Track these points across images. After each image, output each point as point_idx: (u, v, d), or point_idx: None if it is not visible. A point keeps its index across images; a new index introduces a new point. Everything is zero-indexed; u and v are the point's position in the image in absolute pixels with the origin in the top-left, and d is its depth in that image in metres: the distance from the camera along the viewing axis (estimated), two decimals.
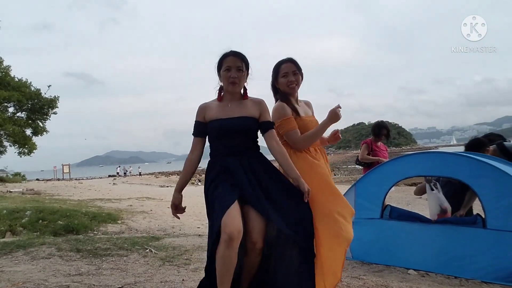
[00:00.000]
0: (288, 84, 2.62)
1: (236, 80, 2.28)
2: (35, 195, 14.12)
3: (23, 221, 6.52)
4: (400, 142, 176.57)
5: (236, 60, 2.29)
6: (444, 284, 3.24)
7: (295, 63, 2.66)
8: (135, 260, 3.68)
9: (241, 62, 2.30)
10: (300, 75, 2.67)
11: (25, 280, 2.99)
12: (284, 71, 2.63)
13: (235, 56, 2.30)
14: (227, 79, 2.28)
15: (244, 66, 2.31)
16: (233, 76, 2.27)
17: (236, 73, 2.28)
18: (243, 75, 2.31)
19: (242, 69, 2.30)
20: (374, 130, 5.51)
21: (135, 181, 32.51)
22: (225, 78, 2.29)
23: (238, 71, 2.29)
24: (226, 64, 2.29)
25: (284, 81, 2.63)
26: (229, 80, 2.28)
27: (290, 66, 2.64)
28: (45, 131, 20.76)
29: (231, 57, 2.30)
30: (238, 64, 2.29)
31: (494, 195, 3.32)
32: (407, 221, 3.77)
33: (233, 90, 2.32)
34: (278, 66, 2.68)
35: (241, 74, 2.30)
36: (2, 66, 19.32)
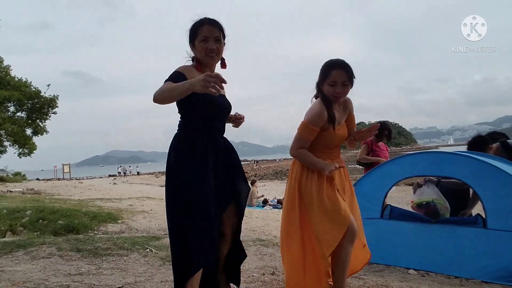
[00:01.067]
0: (335, 95, 2.39)
1: (215, 51, 2.04)
2: (36, 195, 14.10)
3: (24, 220, 6.52)
4: (400, 142, 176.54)
5: (213, 29, 2.04)
6: (445, 283, 3.24)
7: (348, 72, 2.36)
8: (136, 259, 3.68)
9: (218, 31, 2.05)
10: (350, 86, 2.40)
11: (25, 280, 2.98)
12: (333, 80, 2.35)
13: (211, 25, 2.04)
14: (205, 50, 2.03)
15: (222, 36, 2.07)
16: (211, 48, 2.02)
17: (214, 44, 2.03)
18: (221, 46, 2.08)
19: (220, 39, 2.06)
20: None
21: (136, 181, 32.52)
22: (202, 49, 2.04)
23: (216, 42, 2.04)
24: (202, 34, 2.03)
25: (330, 90, 2.37)
26: (207, 52, 2.04)
27: (341, 75, 2.34)
28: (45, 131, 20.75)
29: (207, 26, 2.04)
30: (216, 34, 2.04)
31: (495, 195, 3.31)
32: (408, 221, 3.77)
33: (211, 62, 2.09)
34: (328, 70, 2.39)
35: (219, 46, 2.06)
36: (2, 66, 19.31)
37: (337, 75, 2.34)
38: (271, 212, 10.11)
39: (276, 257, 3.95)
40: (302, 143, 2.46)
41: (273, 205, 12.18)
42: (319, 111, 2.39)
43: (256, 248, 4.37)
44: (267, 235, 5.68)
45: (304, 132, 2.43)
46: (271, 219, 8.13)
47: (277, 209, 11.60)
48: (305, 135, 2.43)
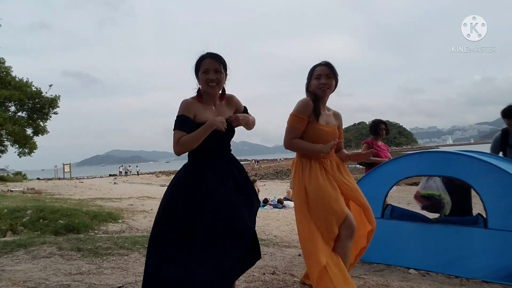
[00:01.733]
0: (320, 87, 2.60)
1: (215, 81, 2.23)
2: (36, 194, 14.12)
3: (24, 220, 6.52)
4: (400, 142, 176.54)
5: (213, 62, 2.24)
6: (445, 283, 3.24)
7: (331, 67, 2.62)
8: (136, 259, 3.68)
9: (218, 64, 2.25)
10: (334, 80, 2.63)
11: (25, 279, 2.99)
12: (318, 73, 2.62)
13: (212, 58, 2.25)
14: (206, 81, 2.23)
15: (222, 68, 2.27)
16: (211, 79, 2.22)
17: (214, 75, 2.23)
18: (221, 76, 2.26)
19: (220, 71, 2.25)
20: (372, 128, 5.49)
21: (136, 181, 32.54)
22: (204, 80, 2.24)
23: (216, 73, 2.24)
24: (204, 67, 2.24)
25: (316, 83, 2.61)
26: (208, 82, 2.23)
27: (324, 69, 2.61)
28: (46, 131, 20.76)
29: (208, 59, 2.25)
30: (216, 66, 2.24)
31: (495, 194, 3.31)
32: (408, 220, 3.77)
33: (212, 92, 2.27)
34: (313, 69, 2.67)
35: (219, 76, 2.24)
36: (3, 66, 19.33)
37: (320, 69, 2.63)
38: (271, 212, 10.11)
39: (276, 257, 3.95)
40: (294, 134, 2.60)
41: (273, 204, 12.17)
42: (305, 100, 2.61)
43: None
44: (268, 235, 5.68)
45: (293, 121, 2.60)
46: (271, 218, 8.13)
47: (277, 208, 11.59)
48: (295, 124, 2.59)
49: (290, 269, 3.43)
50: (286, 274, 3.25)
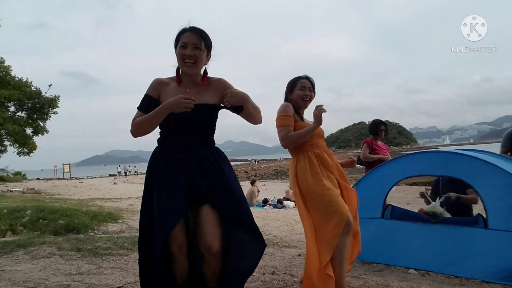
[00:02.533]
0: (303, 97, 2.78)
1: (192, 58, 1.95)
2: (36, 194, 14.11)
3: (24, 220, 6.52)
4: (400, 142, 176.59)
5: (193, 36, 1.96)
6: (445, 283, 3.24)
7: (312, 82, 2.83)
8: (136, 259, 3.68)
9: (199, 39, 1.96)
10: (313, 94, 2.84)
11: (25, 279, 2.98)
12: (302, 85, 2.79)
13: (193, 32, 1.97)
14: (181, 57, 1.96)
15: (204, 45, 1.98)
16: (188, 54, 1.94)
17: (192, 51, 1.95)
18: (201, 54, 1.96)
19: (200, 47, 1.96)
20: (372, 128, 5.48)
21: (136, 180, 32.53)
22: (180, 56, 1.97)
23: (195, 49, 1.95)
24: (182, 41, 1.97)
25: (300, 93, 2.78)
26: (183, 58, 1.96)
27: (307, 82, 2.81)
28: (45, 131, 20.76)
29: (188, 33, 1.97)
30: (195, 41, 1.95)
31: (496, 195, 3.31)
32: (408, 220, 3.77)
33: (188, 70, 1.98)
34: (296, 80, 2.83)
35: (198, 53, 1.95)
36: (3, 66, 19.33)
37: (304, 82, 2.81)
38: (271, 212, 10.10)
39: (276, 257, 3.95)
40: (286, 130, 2.68)
41: (273, 204, 12.16)
42: (284, 104, 2.76)
43: None
44: (267, 235, 5.68)
45: (281, 121, 2.69)
46: (271, 218, 8.12)
47: (277, 208, 11.59)
48: (284, 122, 2.68)
49: (290, 269, 3.43)
50: (286, 274, 3.25)
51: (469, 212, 4.25)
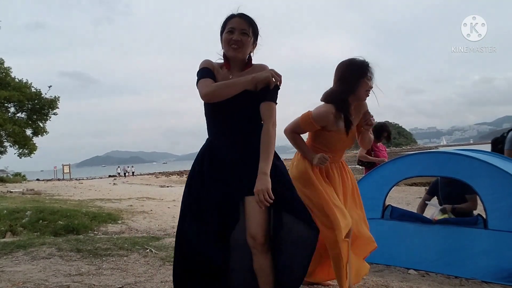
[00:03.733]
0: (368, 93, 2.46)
1: (238, 43, 1.93)
2: (35, 195, 14.11)
3: (24, 221, 6.52)
4: (400, 142, 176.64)
5: (242, 22, 1.96)
6: (444, 284, 3.23)
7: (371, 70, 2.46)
8: (136, 260, 3.68)
9: (247, 25, 1.96)
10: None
11: (25, 280, 2.98)
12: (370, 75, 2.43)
13: (241, 17, 1.97)
14: (228, 42, 1.95)
15: (251, 31, 1.97)
16: (235, 39, 1.93)
17: (239, 36, 1.93)
18: (248, 40, 1.95)
19: (247, 33, 1.95)
20: (375, 131, 5.51)
21: (135, 181, 32.52)
22: (226, 41, 1.96)
23: (242, 35, 1.94)
24: (230, 26, 1.96)
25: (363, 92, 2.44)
26: (230, 43, 1.94)
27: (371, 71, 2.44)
28: (45, 131, 20.76)
29: (237, 19, 1.97)
30: (243, 27, 1.95)
31: (495, 195, 3.31)
32: (408, 221, 3.77)
33: (234, 55, 1.96)
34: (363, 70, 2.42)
35: (245, 39, 1.94)
36: (3, 67, 19.34)
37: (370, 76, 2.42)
38: None
39: None
40: (298, 130, 2.52)
41: None
42: (327, 111, 2.41)
43: None
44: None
45: (304, 121, 2.47)
46: None
47: None
48: (304, 125, 2.48)
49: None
50: None
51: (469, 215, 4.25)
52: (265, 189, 1.74)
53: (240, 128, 1.96)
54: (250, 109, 1.94)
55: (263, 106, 1.92)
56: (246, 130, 1.96)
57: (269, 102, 1.92)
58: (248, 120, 1.96)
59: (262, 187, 1.75)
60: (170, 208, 10.21)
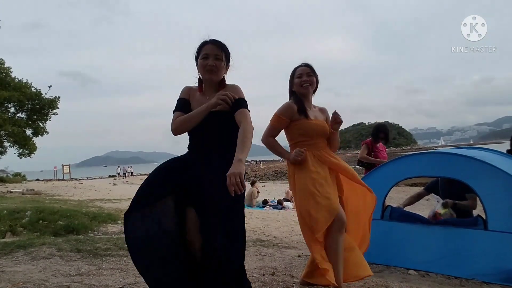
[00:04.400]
0: (302, 84, 2.78)
1: (213, 68, 2.15)
2: (35, 195, 14.10)
3: (23, 221, 6.51)
4: (400, 143, 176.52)
5: (215, 48, 2.17)
6: (445, 284, 3.24)
7: (310, 67, 2.83)
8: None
9: (220, 50, 2.17)
10: (314, 77, 2.83)
11: (25, 280, 2.98)
12: (299, 73, 2.81)
13: (214, 44, 2.18)
14: (204, 67, 2.16)
15: (224, 56, 2.18)
16: (210, 64, 2.14)
17: (213, 61, 2.15)
18: (221, 64, 2.17)
19: (220, 58, 2.17)
20: (373, 132, 5.56)
21: (136, 182, 32.50)
22: (202, 66, 2.17)
23: (216, 60, 2.16)
24: (204, 52, 2.17)
25: (298, 81, 2.80)
26: (206, 68, 2.15)
27: (304, 69, 2.82)
28: (45, 132, 20.74)
29: (210, 45, 2.18)
30: (217, 53, 2.16)
31: (495, 196, 3.31)
32: (408, 222, 3.77)
33: (209, 78, 2.17)
34: (294, 70, 2.87)
35: (219, 63, 2.16)
36: (3, 67, 19.32)
37: (300, 69, 2.83)
38: (271, 213, 10.10)
39: (276, 258, 3.95)
40: (272, 132, 2.84)
41: (273, 205, 12.15)
42: (287, 103, 2.82)
43: (256, 249, 4.37)
44: (267, 236, 5.67)
45: (274, 121, 2.81)
46: (271, 219, 8.12)
47: (277, 209, 11.58)
48: (274, 123, 2.81)
49: (290, 270, 3.42)
50: (286, 275, 3.24)
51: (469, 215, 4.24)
52: (237, 173, 1.81)
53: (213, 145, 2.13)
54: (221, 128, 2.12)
55: (236, 114, 2.09)
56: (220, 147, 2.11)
57: (240, 109, 2.10)
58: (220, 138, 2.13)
59: (234, 170, 1.82)
60: None
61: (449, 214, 3.86)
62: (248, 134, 2.00)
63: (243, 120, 2.06)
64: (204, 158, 2.12)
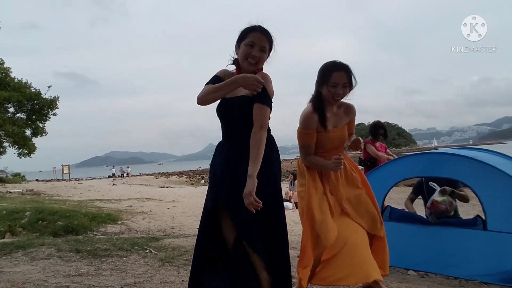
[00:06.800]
0: (334, 97, 2.41)
1: (256, 60, 2.03)
2: (35, 196, 14.11)
3: (23, 221, 6.52)
4: (399, 143, 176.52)
5: (263, 38, 2.03)
6: (444, 284, 3.24)
7: (349, 73, 2.40)
8: (135, 260, 3.68)
9: (267, 42, 2.04)
10: (349, 88, 2.43)
11: (24, 281, 2.98)
12: (334, 81, 2.37)
13: (263, 33, 2.04)
14: (246, 55, 2.03)
15: (268, 48, 2.07)
16: (253, 55, 2.01)
17: (258, 52, 2.02)
18: (264, 56, 2.07)
19: (265, 50, 2.05)
20: (371, 130, 5.55)
21: (135, 182, 32.51)
22: (244, 53, 2.03)
23: (261, 51, 2.03)
24: (250, 39, 2.02)
25: (332, 91, 2.40)
26: (248, 58, 2.02)
27: (342, 76, 2.37)
28: (45, 132, 20.74)
29: (259, 34, 2.03)
30: (264, 44, 2.03)
31: (494, 196, 3.31)
32: (407, 222, 3.77)
33: (249, 69, 2.05)
34: (329, 73, 2.39)
35: (262, 56, 2.05)
36: (2, 68, 19.33)
37: (337, 77, 2.37)
38: None
39: None
40: (306, 150, 2.51)
41: None
42: (308, 114, 2.45)
43: None
44: None
45: (302, 138, 2.50)
46: None
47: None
48: (305, 141, 2.49)
49: (291, 270, 3.42)
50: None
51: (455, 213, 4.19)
52: (248, 193, 1.82)
53: (241, 132, 2.02)
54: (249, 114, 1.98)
55: (254, 108, 1.97)
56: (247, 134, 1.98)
57: (258, 104, 1.96)
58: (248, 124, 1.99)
59: (246, 190, 1.83)
60: (169, 208, 10.21)
61: (448, 202, 3.81)
62: (259, 143, 1.92)
63: (256, 122, 1.95)
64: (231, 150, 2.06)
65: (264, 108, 1.96)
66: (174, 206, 10.93)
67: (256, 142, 1.92)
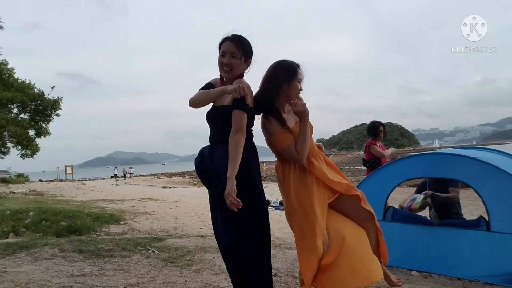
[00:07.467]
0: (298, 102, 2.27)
1: (228, 66, 2.18)
2: (38, 196, 14.15)
3: (26, 222, 6.54)
4: (402, 143, 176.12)
5: (231, 45, 2.17)
6: (447, 285, 3.23)
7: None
8: (138, 261, 3.69)
9: (237, 48, 2.16)
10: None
11: (28, 281, 2.99)
12: (300, 77, 2.36)
13: (232, 41, 2.19)
14: (220, 65, 2.21)
15: (241, 53, 2.18)
16: (225, 63, 2.17)
17: (229, 60, 2.17)
18: (237, 62, 2.17)
19: (237, 56, 2.17)
20: (371, 130, 5.44)
21: (138, 182, 32.55)
22: (219, 63, 2.22)
23: (232, 58, 2.17)
24: (222, 49, 2.20)
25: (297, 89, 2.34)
26: (222, 65, 2.20)
27: (301, 73, 2.38)
28: (48, 132, 20.80)
29: (228, 42, 2.19)
30: (233, 50, 2.16)
31: (498, 197, 3.30)
32: (410, 223, 3.76)
33: (225, 76, 2.23)
34: (295, 69, 2.35)
35: (235, 61, 2.17)
36: (6, 68, 19.39)
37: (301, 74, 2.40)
38: (273, 214, 10.09)
39: (278, 259, 3.94)
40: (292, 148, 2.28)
41: (275, 206, 12.15)
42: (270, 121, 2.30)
43: None
44: None
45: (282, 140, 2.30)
46: (273, 220, 8.11)
47: (279, 210, 11.58)
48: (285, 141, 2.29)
49: (292, 271, 3.42)
50: (288, 276, 3.25)
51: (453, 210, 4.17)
52: (227, 194, 1.94)
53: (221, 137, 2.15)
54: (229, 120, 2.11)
55: (232, 114, 2.09)
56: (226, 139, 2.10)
57: (236, 110, 2.08)
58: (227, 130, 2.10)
59: (225, 192, 1.96)
60: (172, 209, 10.23)
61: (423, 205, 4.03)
62: (234, 147, 2.02)
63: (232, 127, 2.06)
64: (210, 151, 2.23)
65: (240, 113, 2.07)
66: (177, 206, 10.95)
67: (231, 146, 2.04)
